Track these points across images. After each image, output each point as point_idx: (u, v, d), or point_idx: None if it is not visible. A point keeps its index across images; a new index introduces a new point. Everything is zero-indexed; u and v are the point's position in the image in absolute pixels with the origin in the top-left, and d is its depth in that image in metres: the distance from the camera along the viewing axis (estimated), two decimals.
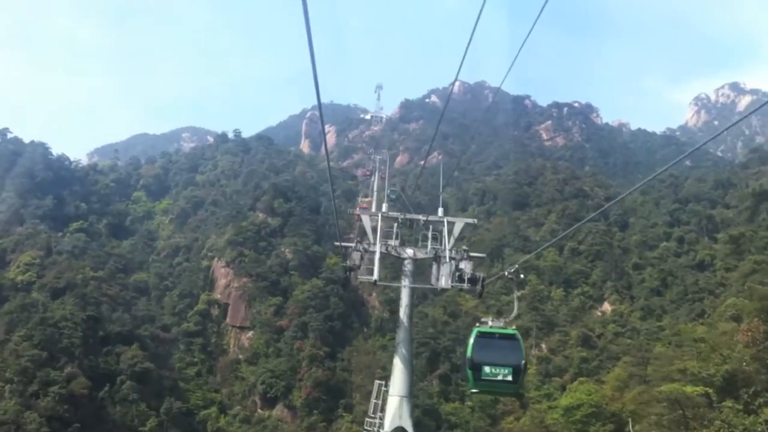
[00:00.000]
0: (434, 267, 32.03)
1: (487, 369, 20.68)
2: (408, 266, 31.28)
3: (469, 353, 20.83)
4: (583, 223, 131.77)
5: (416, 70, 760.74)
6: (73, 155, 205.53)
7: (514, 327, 21.38)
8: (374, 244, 30.83)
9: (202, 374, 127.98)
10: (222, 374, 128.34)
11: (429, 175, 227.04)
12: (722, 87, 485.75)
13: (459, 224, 31.82)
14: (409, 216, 33.12)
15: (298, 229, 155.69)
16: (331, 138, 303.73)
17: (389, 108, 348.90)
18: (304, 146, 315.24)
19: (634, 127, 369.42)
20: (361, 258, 29.88)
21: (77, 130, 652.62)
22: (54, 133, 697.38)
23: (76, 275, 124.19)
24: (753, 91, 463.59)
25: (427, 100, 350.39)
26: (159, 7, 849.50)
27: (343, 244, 31.61)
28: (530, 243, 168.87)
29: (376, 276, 29.28)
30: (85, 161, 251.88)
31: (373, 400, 38.49)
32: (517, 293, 23.65)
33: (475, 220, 34.21)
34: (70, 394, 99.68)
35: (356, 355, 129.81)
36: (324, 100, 13.39)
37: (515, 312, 24.68)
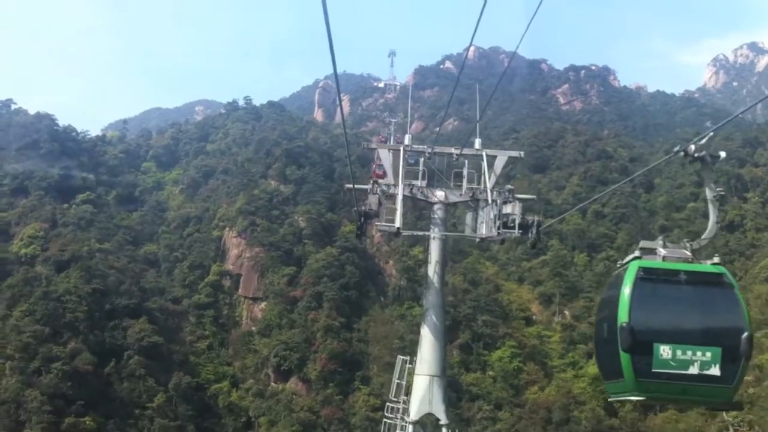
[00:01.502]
0: (469, 216, 26.86)
1: (665, 351, 10.87)
2: (438, 212, 25.82)
3: (623, 316, 11.16)
4: (619, 185, 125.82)
5: (430, 36, 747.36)
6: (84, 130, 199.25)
7: (716, 260, 12.47)
8: (395, 185, 25.47)
9: (213, 347, 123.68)
10: (234, 347, 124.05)
11: (445, 142, 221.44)
12: (741, 47, 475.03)
13: (501, 158, 26.15)
14: (438, 149, 27.31)
15: (311, 196, 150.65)
16: (345, 107, 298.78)
17: (402, 76, 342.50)
18: (318, 115, 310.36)
19: (651, 89, 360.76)
20: (379, 203, 24.57)
21: (89, 106, 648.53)
22: (66, 110, 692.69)
23: (82, 247, 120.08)
24: None
25: (441, 66, 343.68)
26: None
27: (357, 186, 26.13)
28: (552, 206, 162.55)
29: (398, 223, 23.82)
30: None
31: (395, 380, 33.23)
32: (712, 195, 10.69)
33: (521, 153, 28.23)
34: (73, 371, 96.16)
35: (373, 325, 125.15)
36: (338, 70, 12.50)
37: (712, 226, 13.76)
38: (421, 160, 26.05)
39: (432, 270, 25.52)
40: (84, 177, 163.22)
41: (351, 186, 25.71)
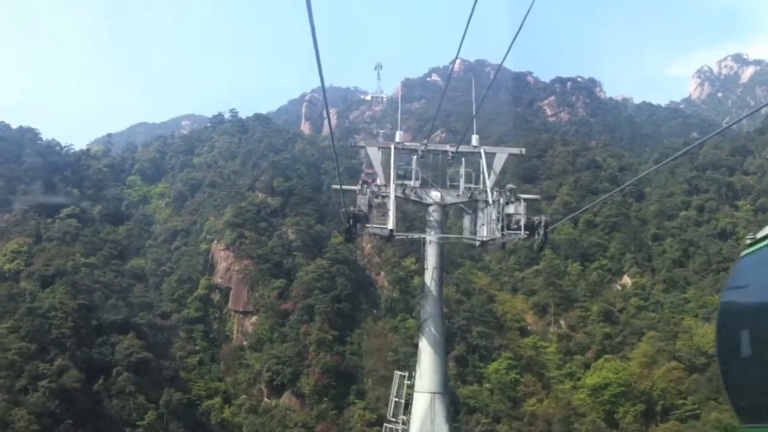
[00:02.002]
0: (467, 219, 24.86)
1: None
2: (434, 215, 23.80)
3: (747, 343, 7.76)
4: (616, 192, 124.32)
5: (416, 49, 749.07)
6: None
7: None
8: (386, 185, 23.65)
9: (204, 363, 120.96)
10: (225, 362, 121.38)
11: (433, 155, 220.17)
12: (725, 59, 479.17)
13: (501, 155, 24.21)
14: (432, 147, 25.36)
15: (299, 208, 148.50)
16: (332, 119, 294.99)
17: (389, 89, 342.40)
18: (305, 128, 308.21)
19: (637, 101, 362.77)
20: (369, 206, 22.57)
21: (74, 122, 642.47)
22: (51, 126, 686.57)
23: (67, 262, 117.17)
24: (757, 62, 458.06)
25: (428, 78, 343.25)
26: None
27: (345, 187, 24.34)
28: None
29: (391, 225, 21.84)
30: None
31: (392, 398, 30.80)
32: None
33: (522, 150, 26.65)
34: (61, 389, 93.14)
35: (366, 338, 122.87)
36: (324, 83, 12.28)
37: None
38: (414, 158, 24.17)
39: (429, 277, 23.49)
40: (68, 191, 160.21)
41: (338, 187, 23.84)
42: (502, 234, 22.19)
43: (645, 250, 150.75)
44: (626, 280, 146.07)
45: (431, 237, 23.81)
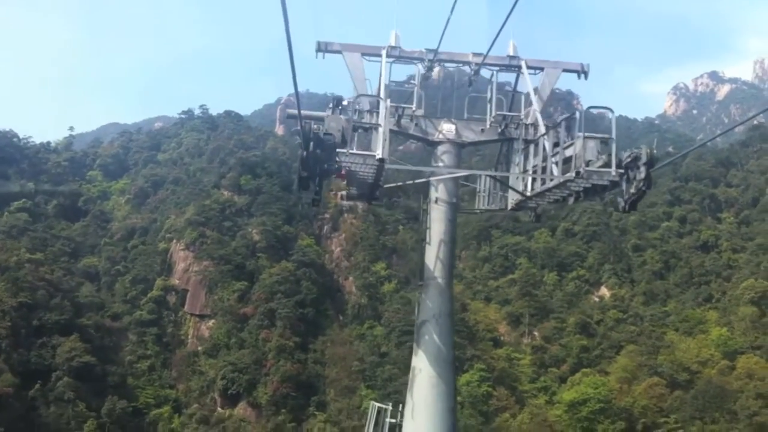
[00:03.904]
0: (483, 183, 18.21)
1: None
2: (445, 158, 15.94)
3: None
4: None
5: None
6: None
7: None
8: (373, 111, 15.55)
9: (155, 368, 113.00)
10: (178, 368, 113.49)
11: (410, 161, 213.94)
12: (701, 76, 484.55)
13: (552, 71, 16.45)
14: (445, 53, 16.67)
15: (267, 207, 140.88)
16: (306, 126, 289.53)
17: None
18: (279, 131, 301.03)
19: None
20: (343, 134, 14.00)
21: (43, 121, 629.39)
22: (17, 123, 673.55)
23: (10, 257, 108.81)
24: (732, 80, 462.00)
25: (406, 85, 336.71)
26: None
27: (309, 113, 15.75)
28: (520, 224, 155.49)
29: (381, 152, 13.55)
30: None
31: None
32: None
33: (585, 65, 16.78)
34: None
35: (330, 345, 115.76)
36: (300, 89, 10.22)
37: None
38: (417, 74, 16.42)
39: (433, 256, 15.78)
40: (22, 184, 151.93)
41: (294, 112, 14.59)
42: (576, 178, 13.73)
43: (624, 260, 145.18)
44: (604, 291, 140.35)
45: (439, 194, 16.15)
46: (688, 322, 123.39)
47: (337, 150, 12.87)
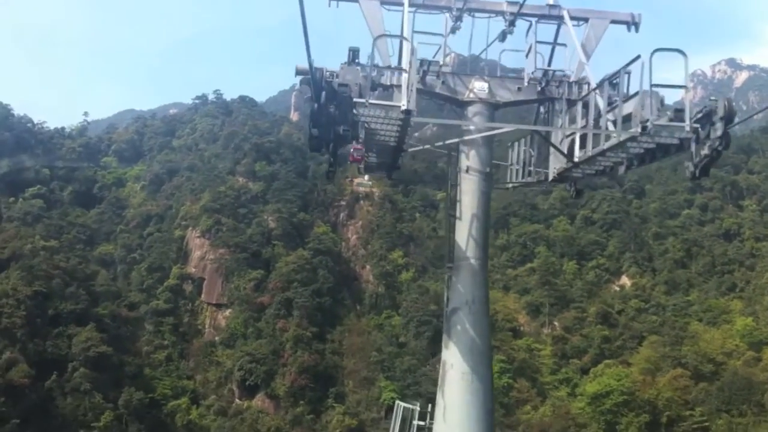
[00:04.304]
0: (515, 150, 16.73)
1: None
2: (477, 119, 14.36)
3: None
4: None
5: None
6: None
7: None
8: (394, 68, 13.69)
9: (173, 359, 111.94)
10: (195, 359, 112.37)
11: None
12: (719, 63, 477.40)
13: (599, 22, 14.72)
14: (473, 5, 14.88)
15: (282, 194, 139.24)
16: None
17: None
18: (294, 117, 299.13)
19: None
20: (360, 90, 12.07)
21: (60, 107, 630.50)
22: (35, 111, 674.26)
23: (24, 245, 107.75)
24: (750, 67, 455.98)
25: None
26: None
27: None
28: (538, 211, 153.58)
29: (407, 102, 11.70)
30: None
31: None
32: None
33: (636, 15, 14.97)
34: (8, 385, 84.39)
35: (348, 335, 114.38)
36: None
37: None
38: (444, 24, 14.59)
39: (465, 233, 14.02)
40: (37, 170, 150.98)
41: (305, 67, 11.60)
42: (631, 141, 11.74)
43: (645, 249, 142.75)
44: (625, 280, 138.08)
45: (471, 163, 14.37)
46: (712, 312, 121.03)
47: (354, 101, 11.27)
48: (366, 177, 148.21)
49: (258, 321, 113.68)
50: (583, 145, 13.47)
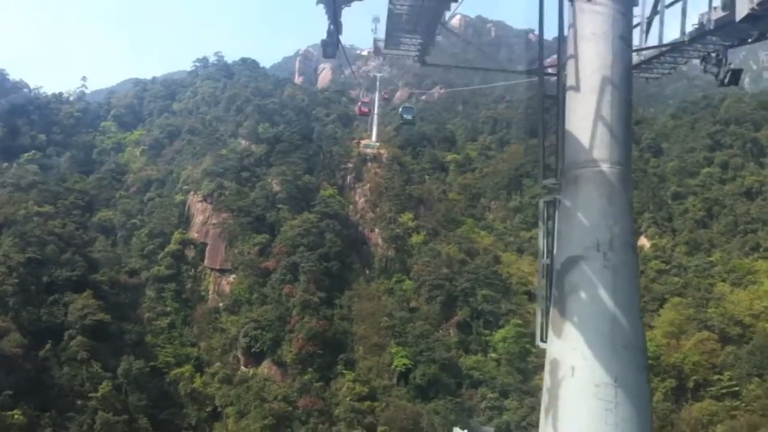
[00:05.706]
0: None
1: None
2: None
3: None
4: None
5: None
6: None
7: None
8: None
9: (175, 326, 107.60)
10: (199, 325, 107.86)
11: (433, 110, 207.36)
12: None
13: None
14: None
15: (286, 157, 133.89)
16: (326, 75, 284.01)
17: None
18: (298, 82, 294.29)
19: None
20: None
21: (61, 75, 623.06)
22: (35, 78, 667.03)
23: (17, 210, 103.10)
24: None
25: None
26: None
27: None
28: (552, 171, 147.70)
29: None
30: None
31: None
32: None
33: None
34: (0, 355, 79.32)
35: (357, 300, 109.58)
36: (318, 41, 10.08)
37: None
38: None
39: (589, 117, 10.00)
40: (33, 136, 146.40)
41: None
42: None
43: (665, 209, 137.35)
44: (644, 241, 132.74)
45: None
46: (736, 273, 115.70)
47: None
48: (374, 137, 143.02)
49: (263, 286, 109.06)
50: None
